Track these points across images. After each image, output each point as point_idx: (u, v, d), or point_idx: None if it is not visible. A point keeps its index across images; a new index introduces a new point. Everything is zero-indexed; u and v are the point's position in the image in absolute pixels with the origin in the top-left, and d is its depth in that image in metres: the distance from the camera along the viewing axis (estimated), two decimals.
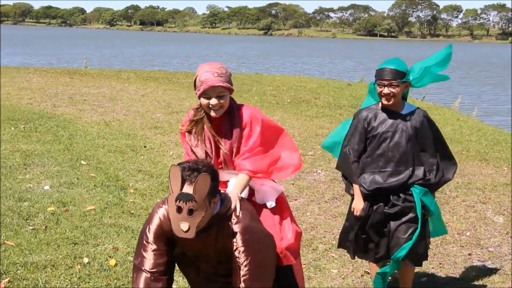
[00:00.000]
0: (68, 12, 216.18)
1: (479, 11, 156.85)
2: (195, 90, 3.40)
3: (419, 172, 3.88)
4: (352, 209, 4.00)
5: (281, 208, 3.56)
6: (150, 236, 3.11)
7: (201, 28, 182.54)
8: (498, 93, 25.73)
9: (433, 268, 4.88)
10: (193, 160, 3.08)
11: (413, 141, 3.85)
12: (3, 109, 10.60)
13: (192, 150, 3.47)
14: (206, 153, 3.45)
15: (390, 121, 3.86)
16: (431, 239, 4.24)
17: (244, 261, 3.06)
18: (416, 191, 3.85)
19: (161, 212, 3.14)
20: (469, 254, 5.20)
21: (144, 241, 3.12)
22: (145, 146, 8.49)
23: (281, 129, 3.60)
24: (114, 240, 4.81)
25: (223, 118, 3.44)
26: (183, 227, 2.90)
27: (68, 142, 8.32)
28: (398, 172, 3.85)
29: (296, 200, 6.47)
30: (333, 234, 5.46)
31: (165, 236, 3.11)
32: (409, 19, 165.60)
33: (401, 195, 3.87)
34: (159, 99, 13.36)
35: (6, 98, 12.13)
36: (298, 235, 3.51)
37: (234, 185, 3.36)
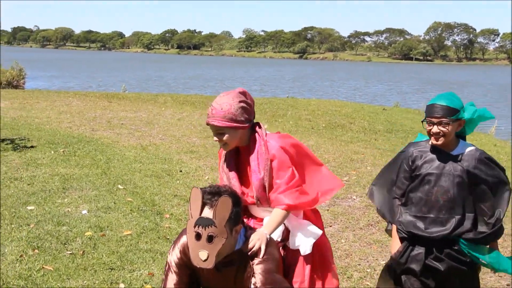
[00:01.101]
0: (108, 36, 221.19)
1: None
2: None
3: (468, 222, 3.40)
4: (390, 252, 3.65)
5: (316, 256, 3.35)
6: (173, 265, 2.98)
7: (237, 51, 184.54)
8: None
9: None
10: (215, 185, 2.94)
11: (463, 186, 3.36)
12: (43, 133, 10.87)
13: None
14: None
15: (437, 162, 3.42)
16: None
17: None
18: (465, 248, 3.40)
19: (181, 242, 2.99)
20: (508, 285, 5.09)
21: (166, 270, 3.01)
22: (180, 171, 8.58)
23: (315, 159, 3.41)
24: (150, 265, 4.85)
25: (250, 151, 3.26)
26: (202, 255, 2.71)
27: (106, 166, 8.46)
28: (442, 220, 3.39)
29: (331, 226, 6.44)
30: (368, 262, 5.41)
31: (188, 267, 2.97)
32: (445, 43, 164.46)
33: (445, 249, 3.42)
34: (195, 123, 13.50)
35: (46, 122, 12.43)
36: None
37: (265, 223, 3.17)
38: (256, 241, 2.95)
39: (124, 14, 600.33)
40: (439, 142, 3.36)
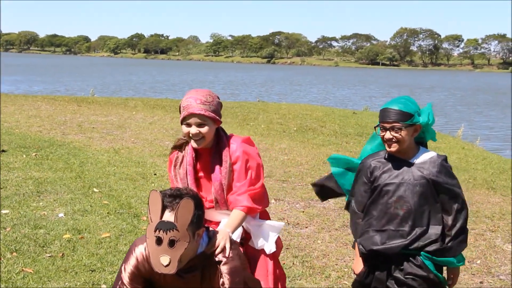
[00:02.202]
0: (73, 40, 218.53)
1: (480, 41, 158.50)
2: None
3: (432, 234, 3.15)
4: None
5: (278, 254, 3.38)
6: (126, 278, 2.86)
7: (205, 56, 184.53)
8: (498, 120, 25.87)
9: None
10: (175, 188, 2.82)
11: (425, 195, 3.12)
12: (14, 137, 10.73)
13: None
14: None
15: (396, 171, 3.19)
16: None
17: None
18: (427, 261, 3.16)
19: (138, 251, 2.86)
20: (481, 282, 5.23)
21: (120, 284, 2.89)
22: (155, 174, 8.57)
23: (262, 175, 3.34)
24: None
25: (212, 151, 3.23)
26: (163, 261, 2.60)
27: (80, 170, 8.41)
28: (402, 233, 3.14)
29: (306, 227, 6.52)
30: (345, 261, 5.51)
31: (142, 278, 2.86)
32: (410, 48, 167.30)
33: (405, 264, 3.19)
34: (167, 126, 13.48)
35: (15, 126, 12.27)
36: None
37: (226, 223, 3.11)
38: (221, 240, 2.89)
39: (90, 18, 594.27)
40: (393, 149, 3.15)
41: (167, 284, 2.83)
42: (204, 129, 3.11)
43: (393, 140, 3.11)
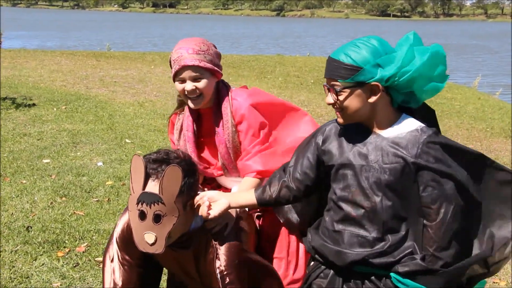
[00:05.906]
0: None
1: None
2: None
3: (410, 241, 2.10)
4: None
5: None
6: (119, 242, 2.55)
7: (214, 9, 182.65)
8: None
9: None
10: (163, 150, 2.31)
11: (399, 186, 2.06)
12: (41, 91, 11.02)
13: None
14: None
15: (358, 148, 2.12)
16: None
17: None
18: (401, 286, 2.08)
19: (127, 217, 2.48)
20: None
21: (111, 245, 2.60)
22: None
23: (291, 109, 2.90)
24: None
25: (213, 110, 2.73)
26: (148, 239, 2.17)
27: (110, 122, 8.70)
28: (361, 241, 2.12)
29: None
30: None
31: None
32: None
33: (367, 283, 2.17)
34: None
35: (40, 80, 12.54)
36: None
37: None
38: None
39: None
40: (340, 120, 2.14)
41: (161, 258, 2.53)
42: (201, 84, 2.61)
43: (335, 106, 2.08)
